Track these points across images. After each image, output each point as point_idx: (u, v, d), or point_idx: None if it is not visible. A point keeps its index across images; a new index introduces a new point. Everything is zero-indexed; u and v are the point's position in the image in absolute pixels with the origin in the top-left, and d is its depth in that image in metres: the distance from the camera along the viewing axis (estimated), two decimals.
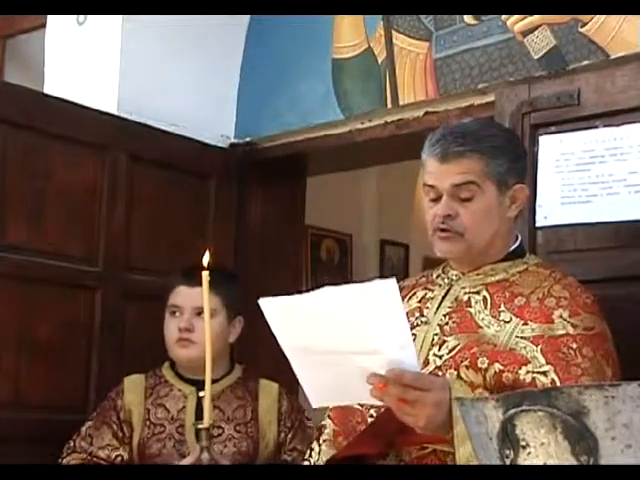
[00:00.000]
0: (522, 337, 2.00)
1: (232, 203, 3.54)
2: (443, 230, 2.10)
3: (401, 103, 3.16)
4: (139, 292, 3.16)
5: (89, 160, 3.12)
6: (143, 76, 3.40)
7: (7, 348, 2.87)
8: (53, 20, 3.56)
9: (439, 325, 2.10)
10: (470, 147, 2.07)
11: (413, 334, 2.10)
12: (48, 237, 3.00)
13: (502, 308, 2.06)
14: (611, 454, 1.25)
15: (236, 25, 3.59)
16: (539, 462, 1.30)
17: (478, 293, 2.12)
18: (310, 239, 5.05)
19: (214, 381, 2.09)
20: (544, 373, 1.95)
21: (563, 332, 1.99)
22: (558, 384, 1.92)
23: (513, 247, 2.18)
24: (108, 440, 2.71)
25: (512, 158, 2.13)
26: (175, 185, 3.34)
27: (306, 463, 2.21)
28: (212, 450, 2.12)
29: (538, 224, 2.67)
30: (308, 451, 2.25)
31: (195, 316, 2.72)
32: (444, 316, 2.12)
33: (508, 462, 1.33)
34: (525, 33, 2.86)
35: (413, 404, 1.81)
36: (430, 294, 2.20)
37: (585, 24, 2.73)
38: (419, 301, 2.20)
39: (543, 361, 1.96)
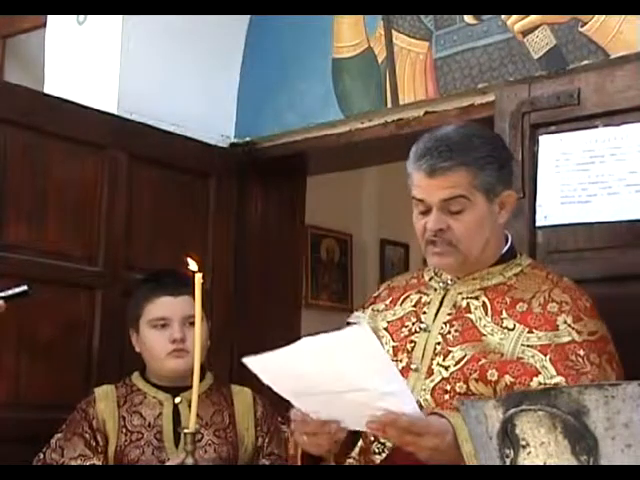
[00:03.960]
0: (528, 345, 2.00)
1: (232, 203, 3.54)
2: (435, 243, 2.09)
3: (401, 103, 3.16)
4: None
5: (89, 160, 3.12)
6: (143, 76, 3.40)
7: (7, 348, 2.87)
8: (53, 20, 3.56)
9: (441, 334, 2.09)
10: (457, 161, 2.06)
11: (412, 341, 2.11)
12: (48, 237, 3.00)
13: (504, 315, 2.06)
14: (611, 454, 1.25)
15: (236, 25, 3.59)
16: (539, 462, 1.30)
17: (477, 298, 2.12)
18: (310, 239, 5.04)
19: (190, 387, 2.09)
20: (556, 385, 1.93)
21: (569, 339, 2.00)
22: None
23: (505, 249, 2.19)
24: (80, 450, 2.64)
25: (499, 166, 2.12)
26: (175, 185, 3.34)
27: None
28: (196, 455, 2.12)
29: (538, 224, 2.67)
30: None
31: (184, 325, 2.68)
32: (444, 324, 2.11)
33: (508, 462, 1.33)
34: (525, 33, 2.86)
35: (411, 447, 1.83)
36: (425, 298, 2.19)
37: (585, 24, 2.73)
38: (414, 305, 2.19)
39: (554, 372, 1.95)
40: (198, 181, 3.43)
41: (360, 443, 2.12)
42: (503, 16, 2.91)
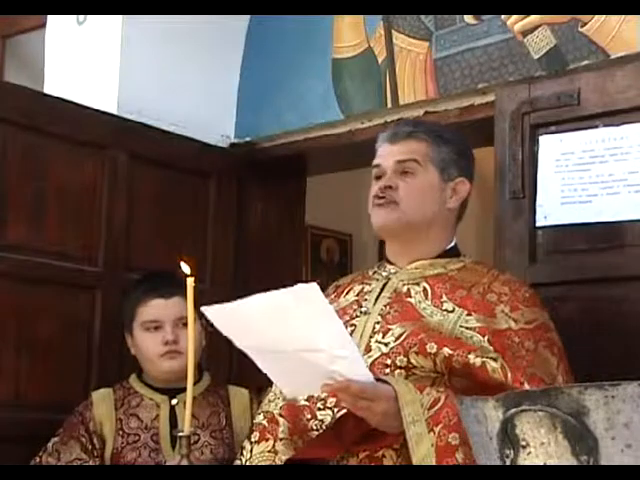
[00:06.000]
0: (467, 327, 2.06)
1: (232, 203, 3.54)
2: (379, 198, 2.19)
3: (401, 103, 3.16)
4: None
5: (89, 160, 3.12)
6: (143, 76, 3.39)
7: (7, 348, 2.87)
8: (53, 20, 3.56)
9: (380, 315, 2.15)
10: (418, 130, 2.22)
11: (353, 324, 2.16)
12: (48, 237, 2.99)
13: (444, 298, 2.12)
14: (611, 454, 1.25)
15: (236, 25, 3.59)
16: (539, 462, 1.30)
17: (417, 284, 2.18)
18: (310, 239, 5.04)
19: (186, 389, 2.09)
20: (494, 359, 2.01)
21: (506, 326, 2.07)
22: (508, 370, 1.99)
23: (449, 246, 2.26)
24: (76, 454, 2.64)
25: (457, 151, 2.24)
26: (175, 185, 3.34)
27: (237, 462, 2.26)
28: (192, 458, 2.12)
29: (538, 224, 2.67)
30: (240, 449, 2.29)
31: (177, 327, 2.68)
32: (385, 306, 2.17)
33: (508, 462, 1.33)
34: (525, 33, 2.86)
35: (362, 411, 1.90)
36: (367, 287, 2.25)
37: (585, 24, 2.74)
38: (356, 295, 2.25)
39: (491, 349, 2.02)
40: (198, 181, 3.42)
41: (288, 425, 2.15)
42: (503, 16, 2.91)
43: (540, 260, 2.66)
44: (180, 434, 2.10)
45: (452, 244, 2.27)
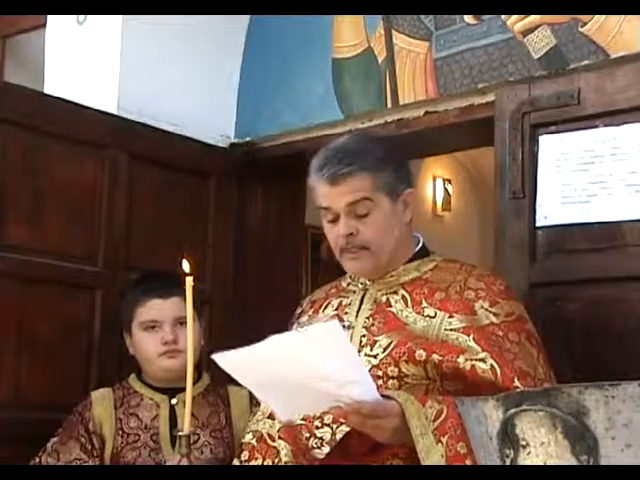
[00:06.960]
0: (451, 329, 2.07)
1: (232, 203, 3.54)
2: (349, 249, 2.18)
3: (401, 103, 3.16)
4: None
5: (89, 160, 3.12)
6: (143, 76, 3.39)
7: (7, 348, 2.87)
8: (53, 20, 3.56)
9: (365, 327, 2.15)
10: (356, 166, 2.15)
11: None
12: (48, 237, 2.99)
13: (424, 304, 2.13)
14: (611, 454, 1.25)
15: (236, 25, 3.59)
16: (539, 462, 1.30)
17: (396, 293, 2.18)
18: (310, 239, 5.04)
19: (186, 388, 2.10)
20: (482, 360, 2.03)
21: (488, 322, 2.09)
22: (497, 369, 2.01)
23: (417, 248, 2.26)
24: (76, 454, 2.63)
25: (396, 167, 2.21)
26: (175, 185, 3.34)
27: None
28: (191, 457, 2.12)
29: (538, 224, 2.67)
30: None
31: (176, 327, 2.68)
32: (367, 318, 2.17)
33: (508, 462, 1.33)
34: (525, 33, 2.86)
35: (372, 430, 1.91)
36: (346, 300, 2.26)
37: (585, 24, 2.73)
38: (336, 309, 2.26)
39: (479, 349, 2.03)
40: (198, 181, 3.42)
41: (290, 447, 2.15)
42: (503, 16, 2.91)
43: (540, 260, 2.66)
44: (180, 434, 2.10)
45: (420, 245, 2.27)
